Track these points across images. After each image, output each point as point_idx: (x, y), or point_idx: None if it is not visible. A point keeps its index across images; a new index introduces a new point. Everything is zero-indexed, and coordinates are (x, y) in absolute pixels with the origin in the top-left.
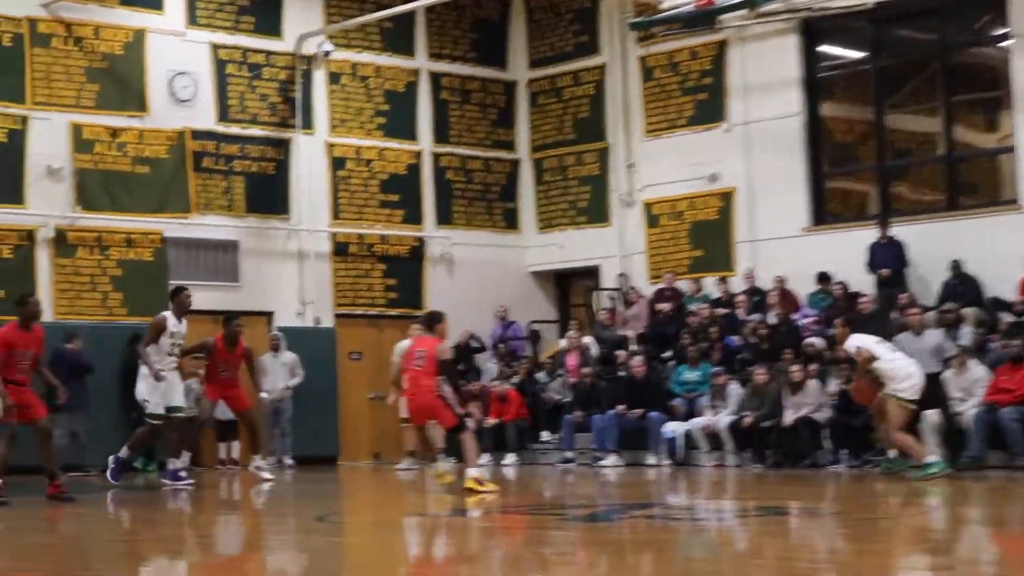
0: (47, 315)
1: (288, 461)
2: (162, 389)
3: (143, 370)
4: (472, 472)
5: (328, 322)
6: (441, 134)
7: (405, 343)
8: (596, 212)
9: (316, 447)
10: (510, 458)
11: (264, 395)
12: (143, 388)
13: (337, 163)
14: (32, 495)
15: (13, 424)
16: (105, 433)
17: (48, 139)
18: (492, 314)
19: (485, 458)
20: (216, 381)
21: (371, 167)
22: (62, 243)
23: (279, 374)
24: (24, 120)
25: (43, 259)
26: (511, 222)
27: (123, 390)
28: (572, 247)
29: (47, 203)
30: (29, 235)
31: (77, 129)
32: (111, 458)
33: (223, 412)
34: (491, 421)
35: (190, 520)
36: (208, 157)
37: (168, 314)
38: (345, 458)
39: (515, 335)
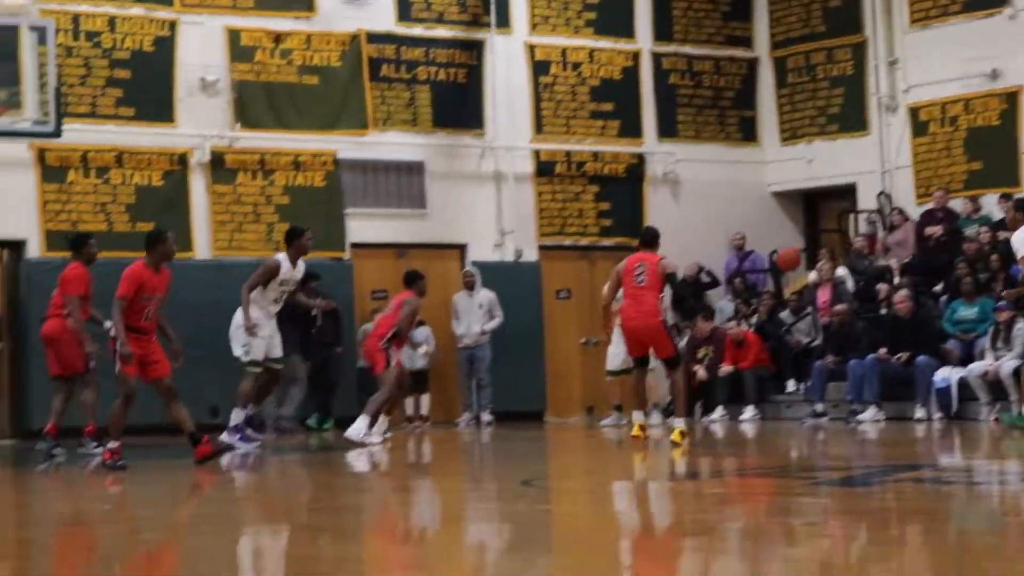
0: (204, 252)
1: (487, 417)
2: (266, 338)
3: (239, 316)
4: (680, 424)
5: (531, 255)
6: (663, 30)
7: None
8: (851, 119)
9: (519, 401)
10: (748, 412)
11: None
12: (242, 334)
13: (539, 68)
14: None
15: (131, 380)
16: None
17: (201, 47)
18: (726, 243)
19: (719, 411)
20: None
21: (580, 72)
22: (220, 167)
23: (474, 316)
24: (173, 26)
25: (198, 186)
26: (748, 133)
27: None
28: (822, 162)
29: (201, 122)
30: (182, 159)
31: (234, 35)
32: (223, 437)
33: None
34: (726, 368)
35: (377, 486)
36: (387, 64)
37: (283, 257)
38: (553, 413)
39: (754, 267)
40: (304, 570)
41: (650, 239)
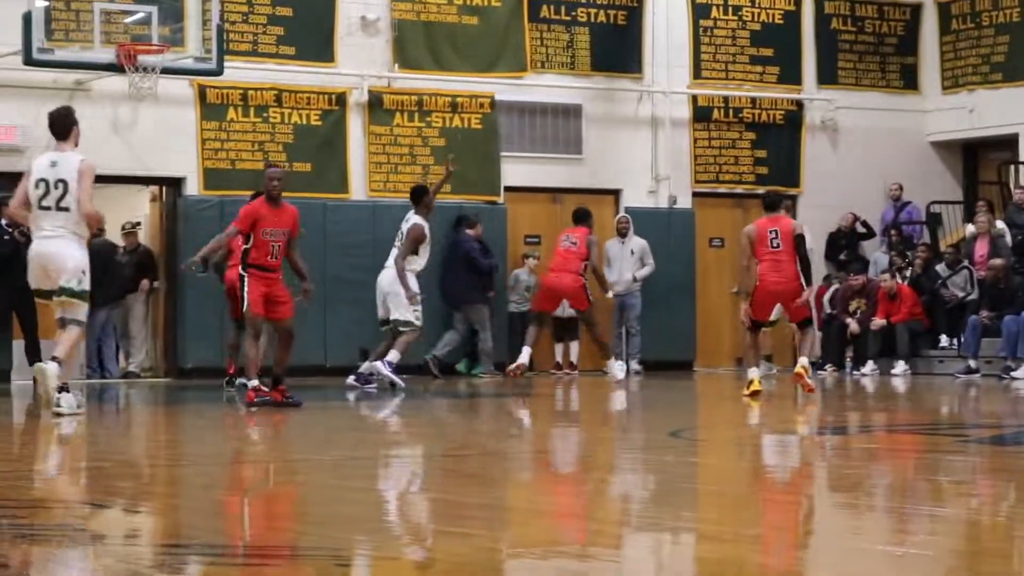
0: (360, 193)
1: (636, 366)
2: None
3: (390, 275)
4: (804, 361)
5: (686, 202)
6: None
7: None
8: (1015, 68)
9: (669, 350)
10: (900, 366)
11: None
12: (406, 302)
13: (700, 11)
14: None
15: (258, 319)
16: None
17: None
18: (883, 193)
19: (870, 365)
20: None
21: (740, 15)
22: (377, 108)
23: (626, 263)
24: None
25: (356, 126)
26: (909, 81)
27: (442, 280)
28: (984, 111)
29: (360, 61)
30: (340, 99)
31: None
32: (377, 365)
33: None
34: (878, 322)
35: (526, 433)
36: (547, 5)
37: (420, 219)
38: (702, 363)
39: (910, 218)
40: (451, 514)
41: (775, 203)
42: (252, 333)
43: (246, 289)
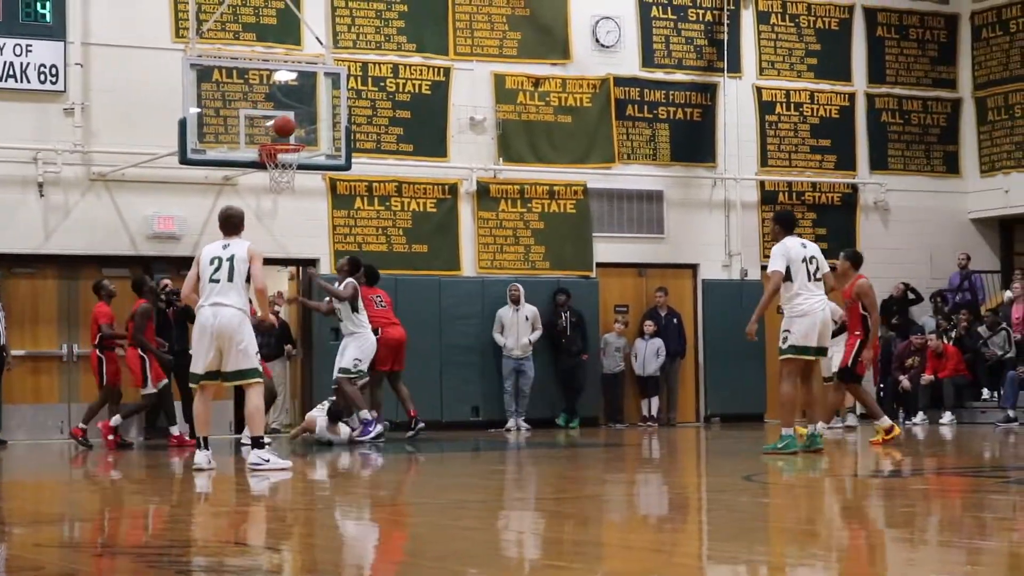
0: (470, 270)
1: (523, 423)
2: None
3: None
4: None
5: (755, 274)
6: (876, 74)
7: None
8: None
9: (742, 404)
10: (947, 417)
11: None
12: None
13: (766, 107)
14: None
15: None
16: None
17: (471, 90)
18: (928, 264)
19: (920, 416)
20: None
21: (801, 111)
22: (484, 196)
23: (521, 328)
24: (447, 72)
25: (466, 212)
26: (951, 166)
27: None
28: (1018, 191)
29: (470, 156)
30: (452, 189)
31: (499, 79)
32: (366, 418)
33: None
34: (927, 377)
35: (610, 479)
36: (632, 105)
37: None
38: (771, 416)
39: (972, 286)
40: (552, 551)
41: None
42: None
43: None
